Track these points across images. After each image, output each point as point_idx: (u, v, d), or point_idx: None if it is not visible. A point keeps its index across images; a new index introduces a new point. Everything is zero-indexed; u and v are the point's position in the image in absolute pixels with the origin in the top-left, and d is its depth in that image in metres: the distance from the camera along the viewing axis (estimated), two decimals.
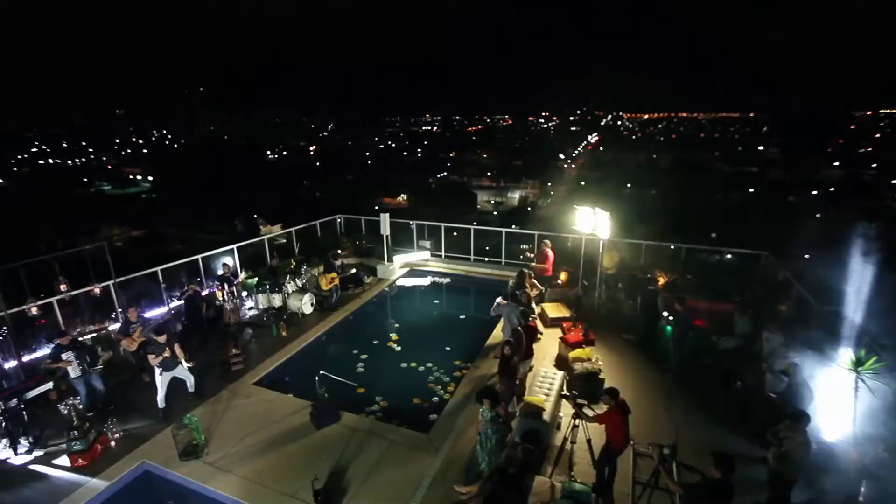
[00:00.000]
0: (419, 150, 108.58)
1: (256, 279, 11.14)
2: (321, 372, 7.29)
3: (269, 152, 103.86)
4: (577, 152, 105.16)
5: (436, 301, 12.85)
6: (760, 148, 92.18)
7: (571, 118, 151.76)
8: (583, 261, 11.66)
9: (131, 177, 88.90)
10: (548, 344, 9.37)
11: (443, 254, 14.52)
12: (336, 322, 10.92)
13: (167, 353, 7.16)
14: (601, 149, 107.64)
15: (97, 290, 8.88)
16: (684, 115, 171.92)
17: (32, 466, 6.51)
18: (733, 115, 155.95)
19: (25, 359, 7.94)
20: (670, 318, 8.95)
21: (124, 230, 61.39)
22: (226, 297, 9.80)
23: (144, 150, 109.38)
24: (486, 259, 14.17)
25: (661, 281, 10.61)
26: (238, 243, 12.02)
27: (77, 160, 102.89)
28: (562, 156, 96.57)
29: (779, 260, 10.41)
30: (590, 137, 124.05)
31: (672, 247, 11.97)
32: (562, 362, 8.62)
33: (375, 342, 10.14)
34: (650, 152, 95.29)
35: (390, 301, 12.81)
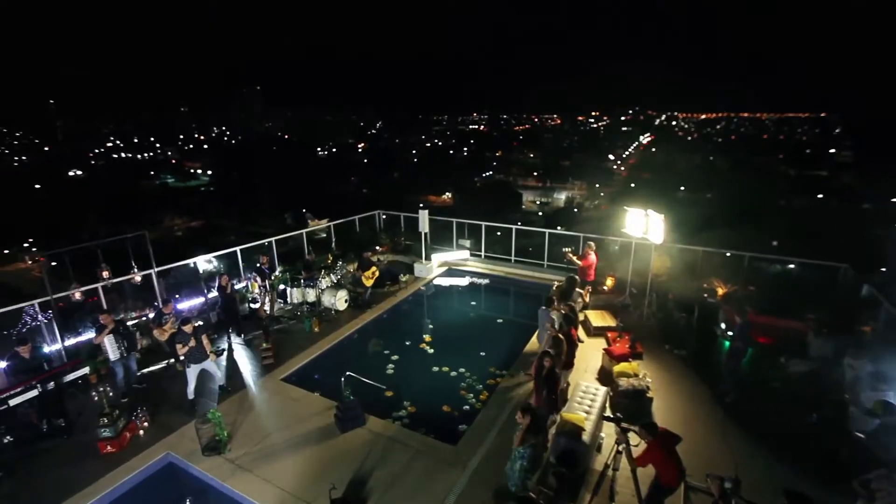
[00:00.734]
0: (465, 148, 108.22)
1: (291, 273, 11.07)
2: (347, 373, 7.00)
3: (318, 149, 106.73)
4: (627, 153, 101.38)
5: (473, 303, 12.38)
6: (832, 151, 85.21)
7: (623, 118, 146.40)
8: (632, 266, 10.87)
9: (192, 170, 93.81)
10: (590, 355, 8.69)
11: (482, 254, 14.03)
12: (369, 320, 10.68)
13: (192, 343, 7.11)
14: (653, 150, 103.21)
15: (137, 279, 9.05)
16: (746, 115, 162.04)
17: (64, 450, 6.60)
18: (801, 115, 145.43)
19: (68, 342, 8.16)
20: (729, 332, 8.09)
21: (184, 220, 65.13)
22: (258, 289, 9.77)
23: (205, 146, 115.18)
24: (528, 261, 13.55)
25: (720, 291, 9.68)
26: (276, 236, 12.04)
27: (145, 154, 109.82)
28: (611, 156, 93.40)
29: (861, 274, 9.20)
30: (641, 138, 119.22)
31: (728, 254, 10.92)
32: (605, 376, 7.94)
33: (408, 343, 9.81)
34: (706, 154, 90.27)
35: (426, 300, 12.47)
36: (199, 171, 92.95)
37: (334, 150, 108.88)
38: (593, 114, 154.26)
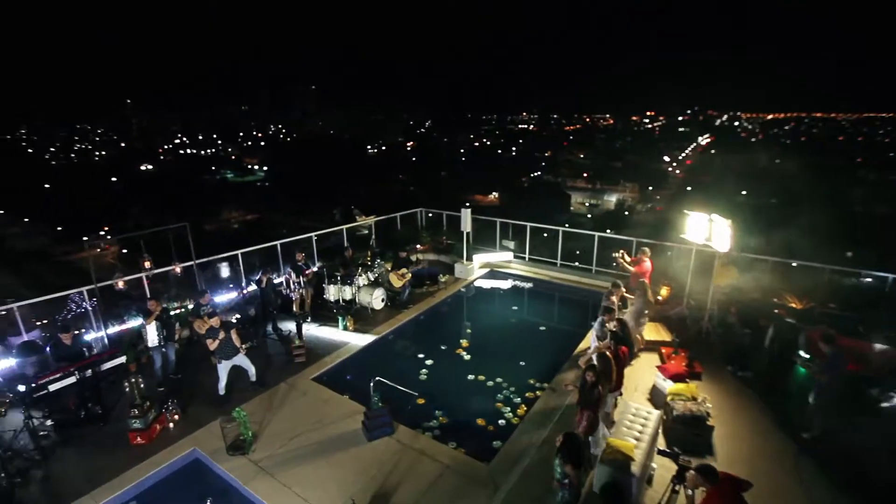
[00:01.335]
0: (514, 148, 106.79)
1: (328, 270, 10.91)
2: (377, 378, 6.65)
3: (369, 147, 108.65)
4: (684, 155, 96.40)
5: (514, 307, 11.78)
6: None
7: (680, 118, 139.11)
8: (691, 276, 9.92)
9: (249, 166, 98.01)
10: (641, 372, 7.92)
11: (527, 256, 13.38)
12: (406, 321, 10.34)
13: (222, 335, 7.00)
14: (712, 151, 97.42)
15: (178, 270, 9.15)
16: (819, 115, 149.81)
17: (98, 438, 6.66)
18: (884, 115, 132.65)
19: (111, 330, 8.32)
20: (808, 358, 7.09)
21: (240, 214, 68.28)
22: (293, 285, 9.65)
23: (262, 143, 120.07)
24: (575, 265, 12.78)
25: (794, 305, 8.62)
26: (317, 232, 11.95)
27: (208, 150, 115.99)
28: (666, 158, 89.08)
29: None
30: (700, 139, 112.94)
31: (794, 264, 9.73)
32: (658, 397, 7.18)
33: (443, 347, 9.37)
34: (772, 156, 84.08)
35: (465, 303, 12.00)
36: (256, 167, 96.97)
37: (384, 147, 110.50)
38: (648, 114, 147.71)
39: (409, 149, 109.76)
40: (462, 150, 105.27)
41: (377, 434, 6.44)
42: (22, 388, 6.34)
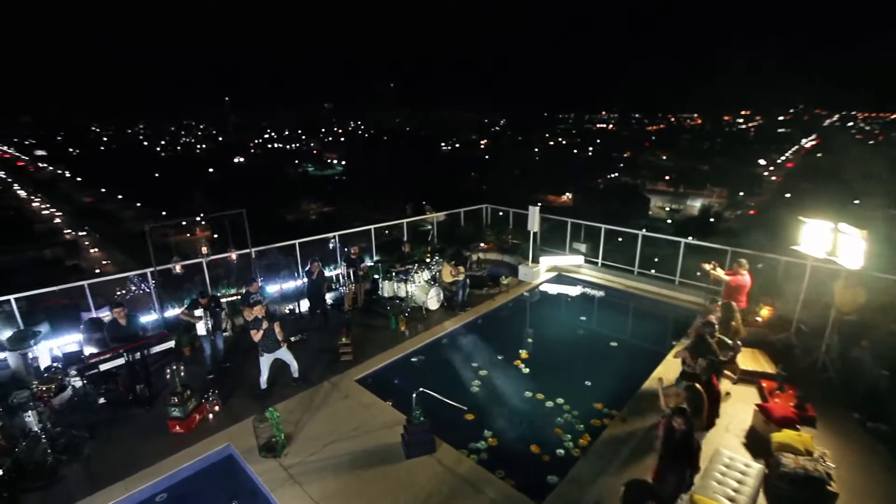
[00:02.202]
0: (590, 148, 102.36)
1: (385, 265, 10.46)
2: (420, 389, 5.99)
3: (442, 144, 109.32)
4: (783, 158, 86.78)
5: (583, 318, 10.63)
6: None
7: (780, 118, 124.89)
8: (804, 295, 8.26)
9: (329, 160, 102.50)
10: (734, 408, 6.58)
11: (599, 261, 12.11)
12: (462, 324, 9.63)
13: (265, 326, 6.69)
14: (818, 155, 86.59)
15: (234, 257, 9.10)
16: None
17: (141, 422, 6.61)
18: None
19: (170, 313, 8.40)
20: None
21: (318, 206, 71.65)
22: (342, 279, 9.27)
23: (342, 139, 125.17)
24: (655, 274, 11.34)
25: None
26: (375, 224, 11.57)
27: (293, 145, 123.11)
28: (762, 161, 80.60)
29: None
30: (803, 141, 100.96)
31: None
32: (758, 444, 5.85)
33: (500, 357, 8.53)
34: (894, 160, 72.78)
35: (528, 309, 11.05)
36: (335, 162, 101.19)
37: (457, 145, 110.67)
38: (742, 113, 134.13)
39: (482, 147, 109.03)
40: (536, 150, 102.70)
41: (416, 452, 5.78)
42: (75, 367, 6.42)
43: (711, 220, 53.20)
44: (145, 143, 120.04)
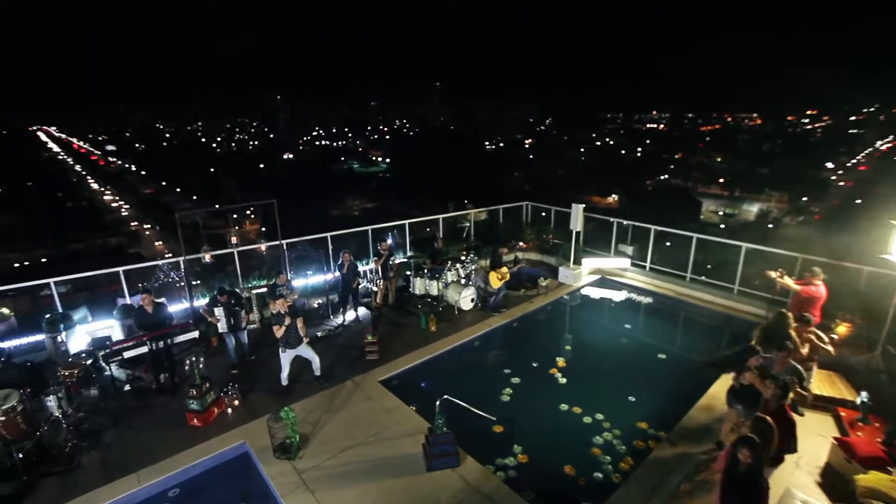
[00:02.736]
0: (639, 148, 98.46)
1: (416, 262, 10.06)
2: (444, 397, 5.52)
3: (486, 143, 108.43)
4: (854, 161, 80.00)
5: (627, 325, 9.81)
6: None
7: (852, 118, 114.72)
8: (894, 311, 7.18)
9: (374, 158, 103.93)
10: (806, 441, 5.68)
11: (647, 264, 11.22)
12: (496, 326, 9.09)
13: (287, 322, 6.42)
14: (895, 158, 79.02)
15: (263, 248, 8.96)
16: None
17: (162, 411, 6.51)
18: None
19: (198, 303, 8.34)
20: None
21: (362, 202, 72.75)
22: (370, 274, 8.92)
23: (387, 136, 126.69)
24: (710, 281, 10.33)
25: None
26: (411, 220, 11.19)
27: (340, 142, 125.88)
28: (830, 164, 74.57)
29: None
30: (879, 143, 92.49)
31: None
32: (837, 485, 4.99)
33: (535, 364, 7.92)
34: None
35: (568, 313, 10.37)
36: (380, 159, 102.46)
37: (501, 144, 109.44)
38: (808, 112, 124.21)
39: (527, 146, 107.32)
40: (582, 150, 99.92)
41: (437, 465, 5.31)
42: (101, 353, 6.39)
43: (769, 225, 49.74)
44: (202, 140, 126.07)
